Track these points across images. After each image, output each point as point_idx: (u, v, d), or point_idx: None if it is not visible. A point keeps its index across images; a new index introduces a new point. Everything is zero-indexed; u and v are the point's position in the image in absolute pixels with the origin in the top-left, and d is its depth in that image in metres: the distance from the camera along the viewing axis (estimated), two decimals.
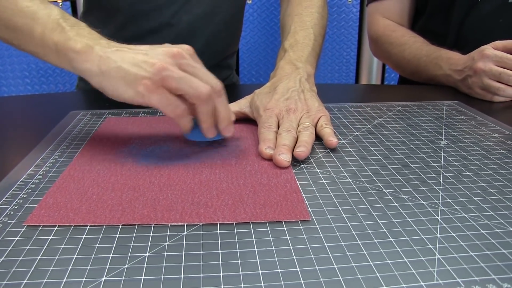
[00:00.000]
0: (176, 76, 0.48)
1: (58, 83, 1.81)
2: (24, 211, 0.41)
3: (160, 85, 0.48)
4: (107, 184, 0.45)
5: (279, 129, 0.56)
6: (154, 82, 0.47)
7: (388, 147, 0.58)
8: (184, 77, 0.48)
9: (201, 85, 0.49)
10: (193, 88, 0.49)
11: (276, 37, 1.85)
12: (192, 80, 0.49)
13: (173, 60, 0.49)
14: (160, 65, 0.47)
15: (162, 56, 0.49)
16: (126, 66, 0.48)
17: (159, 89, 0.48)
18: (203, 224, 0.39)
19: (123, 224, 0.39)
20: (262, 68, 1.90)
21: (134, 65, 0.48)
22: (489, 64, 0.79)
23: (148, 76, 0.47)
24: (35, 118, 0.70)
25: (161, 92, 0.48)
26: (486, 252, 0.37)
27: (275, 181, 0.47)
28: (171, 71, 0.48)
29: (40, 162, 0.51)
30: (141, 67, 0.48)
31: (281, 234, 0.39)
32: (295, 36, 0.74)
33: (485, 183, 0.48)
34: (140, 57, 0.49)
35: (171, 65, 0.48)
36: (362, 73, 1.93)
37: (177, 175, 0.48)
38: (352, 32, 1.89)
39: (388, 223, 0.41)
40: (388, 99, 0.80)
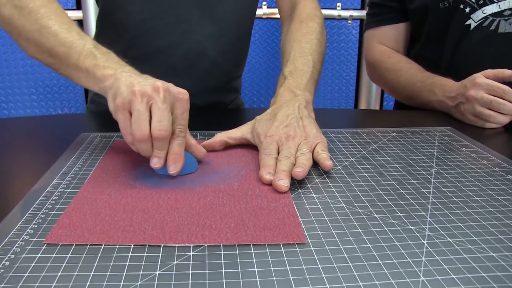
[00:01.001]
0: (135, 106, 0.54)
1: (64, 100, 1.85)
2: (43, 230, 0.45)
3: (127, 108, 0.55)
4: (119, 206, 0.49)
5: (279, 156, 0.59)
6: (123, 102, 0.55)
7: (381, 173, 0.61)
8: (139, 111, 0.54)
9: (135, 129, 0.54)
10: (134, 125, 0.54)
11: (276, 57, 1.89)
12: (139, 119, 0.54)
13: (150, 92, 0.55)
14: (133, 89, 0.54)
15: (146, 86, 0.55)
16: (122, 85, 0.56)
17: (124, 111, 0.55)
18: (208, 245, 0.43)
19: (134, 244, 0.42)
20: (263, 88, 1.94)
21: (125, 86, 0.56)
22: (481, 92, 0.82)
23: (124, 96, 0.55)
24: (48, 139, 0.74)
25: (124, 114, 0.55)
26: (467, 275, 0.40)
27: (274, 205, 0.50)
28: (136, 100, 0.54)
29: (56, 183, 0.55)
30: (128, 90, 0.55)
31: (279, 255, 0.42)
32: (294, 63, 0.77)
33: (470, 209, 0.51)
34: (135, 81, 0.56)
35: (143, 95, 0.54)
36: (362, 95, 1.96)
37: (183, 198, 0.51)
38: (352, 54, 1.93)
39: (377, 247, 0.44)
40: (384, 124, 0.83)
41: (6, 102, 1.83)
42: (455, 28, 0.99)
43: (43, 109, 1.87)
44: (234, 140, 0.68)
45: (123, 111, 0.55)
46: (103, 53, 0.62)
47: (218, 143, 0.66)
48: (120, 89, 0.55)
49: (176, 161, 0.56)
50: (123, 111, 0.55)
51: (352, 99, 1.99)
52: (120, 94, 0.55)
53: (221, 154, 0.66)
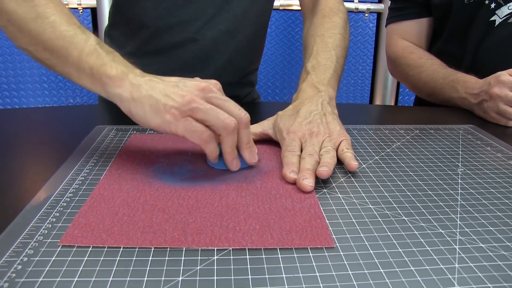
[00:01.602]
0: (203, 108, 0.51)
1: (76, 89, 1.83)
2: (58, 230, 0.43)
3: (187, 115, 0.51)
4: (137, 205, 0.47)
5: (302, 153, 0.57)
6: (181, 112, 0.50)
7: (407, 173, 0.59)
8: (212, 109, 0.51)
9: (227, 117, 0.52)
10: (220, 119, 0.51)
11: (293, 49, 1.86)
12: (219, 112, 0.52)
13: (201, 93, 0.52)
14: (189, 97, 0.51)
15: (191, 89, 0.52)
16: (156, 95, 0.51)
17: (185, 118, 0.51)
18: (233, 249, 0.41)
19: (155, 247, 0.40)
20: (278, 80, 1.91)
21: (164, 95, 0.51)
22: (505, 90, 0.80)
23: (176, 106, 0.50)
24: (61, 132, 0.72)
25: (187, 121, 0.51)
26: (503, 284, 0.38)
27: (299, 206, 0.48)
28: (199, 103, 0.51)
29: (70, 180, 0.53)
30: (171, 98, 0.51)
31: (307, 260, 0.40)
32: (317, 58, 0.75)
33: (501, 213, 0.49)
34: (170, 88, 0.52)
35: (199, 97, 0.51)
36: (377, 90, 1.94)
37: (205, 198, 0.49)
38: (368, 47, 1.90)
39: (408, 252, 0.42)
40: (405, 121, 0.81)
41: (17, 90, 1.81)
42: (479, 24, 0.96)
43: (54, 98, 1.85)
44: (254, 136, 0.65)
45: (185, 119, 0.51)
46: (108, 52, 0.55)
47: None
48: (161, 101, 0.50)
49: (252, 149, 0.56)
50: (185, 119, 0.51)
51: (367, 94, 1.97)
52: (169, 106, 0.50)
53: None
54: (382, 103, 1.96)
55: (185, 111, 0.50)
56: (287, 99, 1.92)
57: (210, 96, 0.53)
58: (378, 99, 1.95)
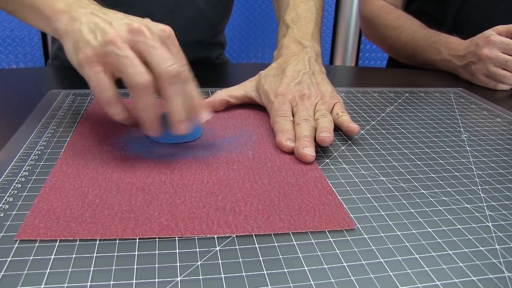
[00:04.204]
0: (119, 53, 0.40)
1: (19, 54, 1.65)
2: (13, 221, 0.33)
3: (100, 60, 0.41)
4: (110, 184, 0.38)
5: (296, 118, 0.50)
6: (95, 54, 0.41)
7: (410, 139, 0.53)
8: (127, 58, 0.40)
9: (139, 73, 0.40)
10: (130, 74, 0.40)
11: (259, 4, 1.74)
12: (134, 64, 0.40)
13: (129, 35, 0.41)
14: (109, 38, 0.41)
15: (120, 28, 0.42)
16: (84, 30, 0.43)
17: (95, 64, 0.41)
18: (236, 236, 0.33)
19: (140, 237, 0.32)
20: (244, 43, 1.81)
21: (90, 31, 0.42)
22: (495, 51, 0.76)
23: (94, 45, 0.41)
24: (8, 97, 0.60)
25: (95, 68, 0.41)
26: None
27: (304, 180, 0.41)
28: (117, 47, 0.40)
29: (23, 154, 0.43)
30: (95, 35, 0.42)
31: (329, 247, 0.33)
32: (296, 10, 0.67)
33: None
34: (102, 24, 0.42)
35: (123, 40, 0.41)
36: (337, 52, 1.87)
37: (190, 172, 0.41)
38: (329, 9, 1.82)
39: (439, 232, 0.36)
40: (388, 84, 0.76)
41: None
42: None
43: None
44: (236, 99, 0.57)
45: (95, 64, 0.41)
46: None
47: (218, 102, 0.56)
48: (84, 36, 0.42)
49: (204, 109, 0.44)
50: (94, 64, 0.41)
51: (327, 57, 1.90)
52: (87, 44, 0.41)
53: (223, 115, 0.55)
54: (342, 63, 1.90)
55: (99, 54, 0.41)
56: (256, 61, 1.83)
57: (137, 40, 0.41)
58: (338, 62, 1.89)
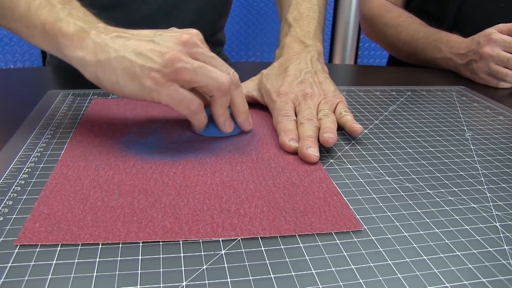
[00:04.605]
0: (190, 67, 0.41)
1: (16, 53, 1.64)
2: (13, 225, 0.32)
3: (172, 79, 0.41)
4: (112, 186, 0.37)
5: (299, 118, 0.49)
6: (164, 75, 0.40)
7: (414, 138, 0.53)
8: (200, 67, 0.42)
9: (220, 75, 0.43)
10: (213, 78, 0.42)
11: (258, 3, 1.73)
12: (209, 69, 0.42)
13: (185, 48, 0.42)
14: (172, 55, 0.40)
15: (172, 44, 0.41)
16: (129, 55, 0.41)
17: (169, 84, 0.40)
18: (242, 239, 0.32)
19: (143, 241, 0.31)
20: (243, 41, 1.80)
21: (139, 55, 0.40)
22: (497, 49, 0.75)
23: (157, 68, 0.40)
24: (5, 98, 0.59)
25: (172, 86, 0.41)
26: None
27: (308, 180, 0.40)
28: (185, 62, 0.41)
29: (23, 156, 0.42)
30: (148, 57, 0.40)
31: (336, 249, 0.32)
32: (298, 8, 0.67)
33: None
34: (145, 45, 0.41)
35: (183, 54, 0.41)
36: (336, 50, 1.86)
37: (193, 174, 0.40)
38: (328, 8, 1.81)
39: (447, 233, 0.35)
40: (389, 82, 0.75)
41: None
42: None
43: None
44: None
45: (170, 83, 0.41)
46: (64, 3, 0.45)
47: None
48: (136, 62, 0.40)
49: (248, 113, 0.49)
50: (168, 84, 0.40)
51: (326, 55, 1.89)
52: (146, 68, 0.40)
53: None
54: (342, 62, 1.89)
55: (168, 73, 0.40)
56: (255, 59, 1.82)
57: (195, 52, 0.43)
58: (337, 61, 1.89)
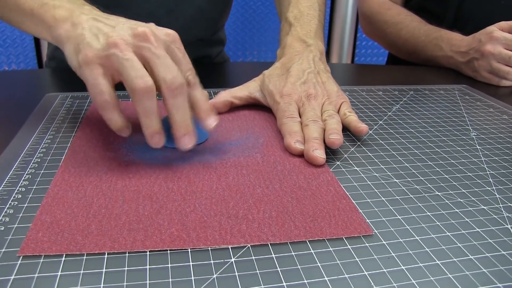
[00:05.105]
0: (121, 56, 0.39)
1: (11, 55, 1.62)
2: (14, 235, 0.31)
3: (101, 62, 0.40)
4: (115, 192, 0.36)
5: (303, 119, 0.49)
6: (96, 56, 0.40)
7: (420, 139, 0.52)
8: (130, 61, 0.39)
9: (139, 76, 0.38)
10: (131, 76, 0.38)
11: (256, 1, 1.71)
12: (135, 67, 0.39)
13: (133, 39, 0.40)
14: (112, 40, 0.39)
15: (124, 32, 0.40)
16: (86, 33, 0.41)
17: (95, 65, 0.40)
18: (251, 246, 0.31)
19: (150, 250, 0.30)
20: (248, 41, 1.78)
21: (93, 35, 0.41)
22: (498, 47, 0.75)
23: (95, 47, 0.40)
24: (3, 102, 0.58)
25: (95, 70, 0.40)
26: None
27: (316, 184, 0.39)
28: (120, 49, 0.39)
29: (22, 162, 0.41)
30: (97, 38, 0.41)
31: (348, 255, 0.31)
32: (298, 7, 0.66)
33: None
34: (105, 28, 0.41)
35: (126, 44, 0.39)
36: (333, 49, 1.86)
37: (198, 178, 0.39)
38: None
39: (459, 236, 0.35)
40: (389, 81, 0.75)
41: None
42: None
43: None
44: (240, 100, 0.56)
45: (95, 66, 0.39)
46: None
47: (221, 103, 0.54)
48: (85, 39, 0.40)
49: (209, 112, 0.43)
50: (93, 66, 0.39)
51: None
52: (88, 45, 0.40)
53: (228, 117, 0.54)
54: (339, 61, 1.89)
55: (100, 56, 0.39)
56: (256, 60, 1.80)
57: (141, 46, 0.40)
58: (334, 60, 1.88)
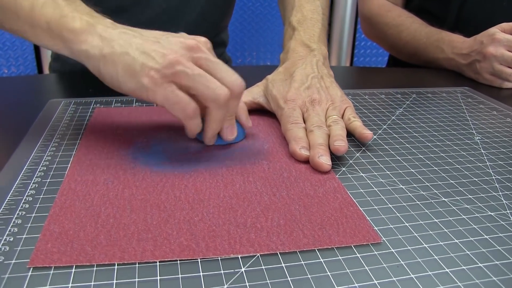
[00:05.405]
0: (190, 72, 0.40)
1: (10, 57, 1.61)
2: (24, 245, 0.31)
3: (170, 81, 0.40)
4: (122, 201, 0.36)
5: (308, 125, 0.49)
6: (163, 75, 0.39)
7: (424, 143, 0.52)
8: (200, 75, 0.40)
9: (219, 87, 0.41)
10: (210, 89, 0.41)
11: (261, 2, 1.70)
12: (209, 79, 0.41)
13: (189, 53, 0.41)
14: (173, 58, 0.40)
15: (176, 47, 0.41)
16: (132, 52, 0.40)
17: (167, 84, 0.40)
18: (261, 255, 0.31)
19: (160, 260, 0.30)
20: (247, 42, 1.78)
21: (142, 53, 0.40)
22: (501, 49, 0.75)
23: (157, 67, 0.39)
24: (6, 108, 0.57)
25: (169, 87, 0.40)
26: None
27: (322, 191, 0.39)
28: (185, 66, 0.40)
29: (28, 171, 0.41)
30: (150, 56, 0.40)
31: (357, 263, 0.31)
32: (302, 11, 0.66)
33: None
34: (150, 45, 0.41)
35: (186, 58, 0.40)
36: (332, 51, 1.86)
37: (205, 186, 0.39)
38: None
39: (467, 243, 0.34)
40: (391, 84, 0.74)
41: None
42: None
43: None
44: None
45: (167, 85, 0.40)
46: (68, 1, 0.44)
47: None
48: (138, 60, 0.40)
49: (233, 123, 0.47)
50: (166, 85, 0.40)
51: None
52: (147, 67, 0.39)
53: None
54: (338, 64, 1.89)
55: (167, 74, 0.40)
56: (255, 62, 1.80)
57: (199, 57, 0.42)
58: (334, 61, 1.88)
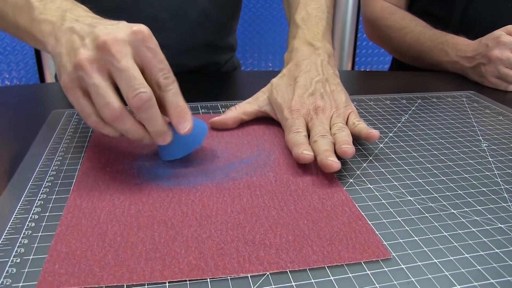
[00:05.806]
0: (87, 80, 0.39)
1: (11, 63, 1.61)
2: (31, 267, 0.31)
3: (77, 86, 0.40)
4: (129, 218, 0.36)
5: (312, 134, 0.48)
6: (70, 80, 0.40)
7: (431, 152, 0.51)
8: (94, 86, 0.38)
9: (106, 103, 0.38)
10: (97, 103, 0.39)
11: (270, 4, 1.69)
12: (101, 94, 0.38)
13: (98, 53, 0.39)
14: (77, 61, 0.39)
15: (90, 46, 0.39)
16: (63, 53, 0.41)
17: (73, 90, 0.40)
18: (271, 273, 0.31)
19: (169, 281, 0.30)
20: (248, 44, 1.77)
21: (67, 54, 0.41)
22: (506, 52, 0.75)
23: (68, 71, 0.40)
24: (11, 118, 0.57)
25: (76, 94, 0.40)
26: None
27: (330, 204, 0.39)
28: (86, 73, 0.38)
29: (33, 187, 0.40)
30: (69, 57, 0.40)
31: (368, 281, 0.31)
32: (306, 9, 0.65)
33: None
34: (75, 43, 0.40)
35: (91, 63, 0.39)
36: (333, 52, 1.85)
37: (212, 201, 0.38)
38: None
39: (478, 258, 0.34)
40: (396, 89, 0.74)
41: None
42: None
43: None
44: (249, 116, 0.55)
45: (73, 90, 0.40)
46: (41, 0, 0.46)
47: (231, 120, 0.54)
48: (62, 60, 0.40)
49: (183, 116, 0.40)
50: (73, 91, 0.40)
51: None
52: (63, 68, 0.40)
53: (237, 133, 0.53)
54: (339, 68, 1.88)
55: (73, 79, 0.40)
56: (265, 66, 1.78)
57: (104, 60, 0.38)
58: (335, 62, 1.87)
